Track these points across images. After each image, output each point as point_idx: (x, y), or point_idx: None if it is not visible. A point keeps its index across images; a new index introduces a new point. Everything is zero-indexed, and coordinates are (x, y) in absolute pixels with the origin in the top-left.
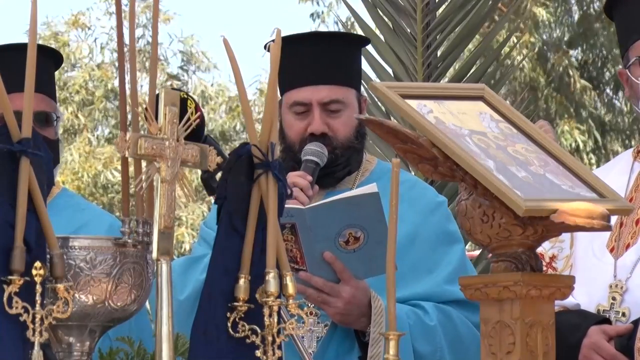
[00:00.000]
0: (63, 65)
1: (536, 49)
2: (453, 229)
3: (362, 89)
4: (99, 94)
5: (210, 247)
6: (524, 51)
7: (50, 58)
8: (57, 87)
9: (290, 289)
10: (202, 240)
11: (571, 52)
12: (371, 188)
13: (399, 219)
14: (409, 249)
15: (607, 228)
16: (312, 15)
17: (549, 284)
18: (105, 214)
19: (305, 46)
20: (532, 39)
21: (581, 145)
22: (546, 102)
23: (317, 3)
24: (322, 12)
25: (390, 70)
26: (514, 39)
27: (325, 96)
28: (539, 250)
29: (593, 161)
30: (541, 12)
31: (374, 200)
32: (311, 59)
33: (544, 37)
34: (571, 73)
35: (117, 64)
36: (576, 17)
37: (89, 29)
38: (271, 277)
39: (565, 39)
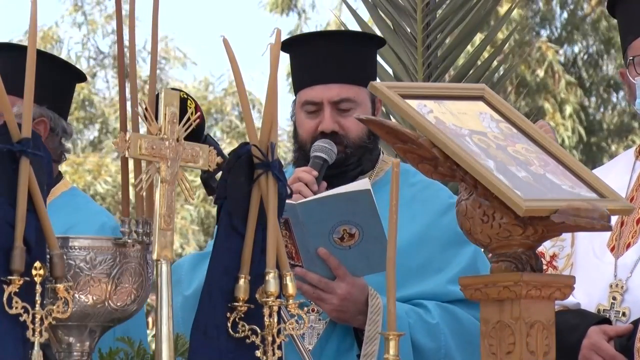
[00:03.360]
0: None
1: (506, 46)
2: None
3: None
4: (75, 105)
5: None
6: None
7: (73, 75)
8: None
9: (290, 289)
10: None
11: (559, 51)
12: (364, 184)
13: (410, 218)
14: (419, 248)
15: (608, 228)
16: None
17: (549, 284)
18: (99, 214)
19: (316, 45)
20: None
21: (566, 140)
22: (531, 98)
23: (298, 14)
24: (299, 24)
25: (390, 70)
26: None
27: (336, 95)
28: (540, 248)
29: (577, 158)
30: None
31: (366, 196)
32: (322, 57)
33: (530, 27)
34: (556, 69)
35: (94, 70)
36: (563, 15)
37: (61, 42)
38: (271, 277)
39: (547, 34)
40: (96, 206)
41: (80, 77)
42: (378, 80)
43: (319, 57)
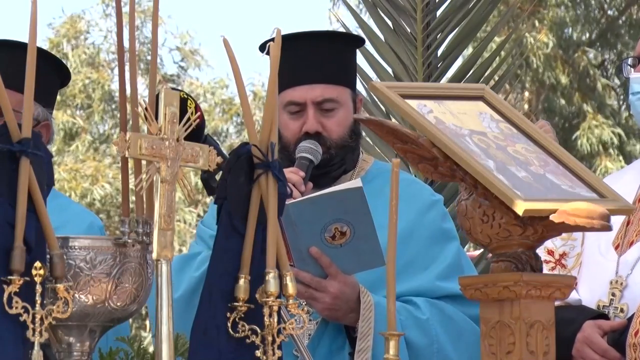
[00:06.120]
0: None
1: (549, 49)
2: (448, 227)
3: (363, 88)
4: (97, 97)
5: (207, 245)
6: (539, 52)
7: (56, 71)
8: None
9: (290, 289)
10: (199, 239)
11: (591, 52)
12: (355, 183)
13: None
14: (404, 246)
15: (607, 228)
16: None
17: (549, 284)
18: (86, 213)
19: (299, 46)
20: (546, 39)
21: (615, 139)
22: (566, 100)
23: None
24: None
25: (390, 70)
26: (531, 39)
27: (319, 95)
28: (549, 246)
29: (619, 156)
30: (555, 11)
31: (357, 194)
32: (305, 58)
33: (565, 32)
34: (592, 72)
35: (113, 65)
36: (595, 16)
37: (88, 32)
38: (271, 277)
39: (584, 38)
40: (80, 206)
41: (67, 77)
42: (378, 80)
43: (301, 58)
